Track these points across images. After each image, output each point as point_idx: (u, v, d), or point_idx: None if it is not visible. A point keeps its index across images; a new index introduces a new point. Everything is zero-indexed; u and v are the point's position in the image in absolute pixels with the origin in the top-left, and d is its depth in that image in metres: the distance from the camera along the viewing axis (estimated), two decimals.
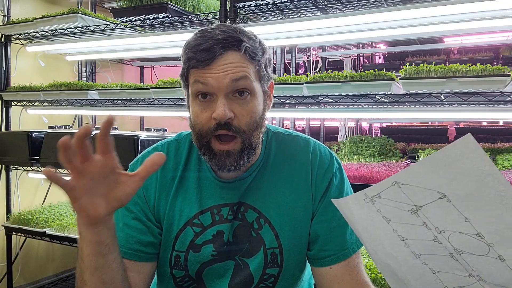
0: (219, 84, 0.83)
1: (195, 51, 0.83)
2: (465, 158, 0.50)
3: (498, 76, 1.54)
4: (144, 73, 4.01)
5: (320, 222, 0.95)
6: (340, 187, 0.97)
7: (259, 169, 0.97)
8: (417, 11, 1.70)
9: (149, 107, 2.71)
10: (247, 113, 0.85)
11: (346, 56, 4.10)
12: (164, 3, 2.19)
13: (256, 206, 0.95)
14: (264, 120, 0.92)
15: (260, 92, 0.89)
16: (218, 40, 0.83)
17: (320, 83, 1.87)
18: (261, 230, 0.95)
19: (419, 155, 2.35)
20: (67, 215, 2.55)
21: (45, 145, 2.53)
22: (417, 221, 0.59)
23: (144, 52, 2.76)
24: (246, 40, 0.85)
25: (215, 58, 0.82)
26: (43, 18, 2.56)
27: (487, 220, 0.53)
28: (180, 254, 0.95)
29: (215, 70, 0.83)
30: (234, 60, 0.83)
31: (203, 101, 0.85)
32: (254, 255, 0.95)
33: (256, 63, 0.87)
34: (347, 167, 1.94)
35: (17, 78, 2.98)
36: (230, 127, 0.84)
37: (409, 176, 0.56)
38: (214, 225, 0.94)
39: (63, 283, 3.17)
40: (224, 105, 0.82)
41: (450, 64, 1.89)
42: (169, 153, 0.99)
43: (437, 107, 2.16)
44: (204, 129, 0.86)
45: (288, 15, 2.25)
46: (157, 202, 0.96)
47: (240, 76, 0.83)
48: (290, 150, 0.99)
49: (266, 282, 0.96)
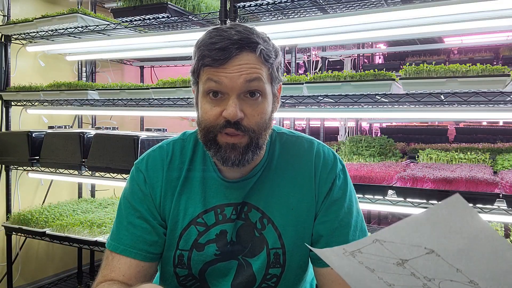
0: (232, 84, 0.83)
1: (210, 49, 0.84)
2: (454, 217, 0.49)
3: (498, 76, 1.54)
4: (144, 73, 4.01)
5: (323, 223, 0.95)
6: (343, 188, 0.98)
7: (263, 169, 0.97)
8: (417, 11, 1.70)
9: (149, 107, 2.71)
10: (258, 114, 0.87)
11: (346, 56, 4.10)
12: (164, 3, 2.18)
13: (259, 206, 0.96)
14: (272, 121, 0.93)
15: (270, 94, 0.90)
16: (234, 40, 0.83)
17: (320, 83, 1.87)
18: (264, 230, 0.95)
19: (419, 155, 2.35)
20: (67, 215, 2.55)
21: (45, 145, 2.53)
22: (404, 271, 0.57)
23: (144, 52, 2.76)
24: (261, 43, 0.86)
25: (230, 58, 0.83)
26: (43, 18, 2.56)
27: (480, 269, 0.52)
28: (183, 253, 0.96)
29: (229, 70, 0.83)
30: (249, 61, 0.84)
31: (214, 99, 0.86)
32: (257, 255, 0.95)
33: (269, 65, 0.88)
34: (347, 167, 1.93)
35: (17, 78, 2.98)
36: (239, 127, 0.85)
37: (392, 234, 0.54)
38: (218, 224, 0.95)
39: (63, 283, 3.17)
40: (236, 105, 0.84)
41: (450, 64, 1.89)
42: (175, 152, 1.00)
43: (437, 107, 2.16)
44: (212, 125, 0.87)
45: (288, 15, 2.25)
46: (162, 200, 0.97)
47: (254, 78, 0.84)
48: (294, 151, 1.00)
49: (268, 282, 0.96)
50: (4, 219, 2.78)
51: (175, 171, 0.98)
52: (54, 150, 2.49)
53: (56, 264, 3.29)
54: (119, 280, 0.91)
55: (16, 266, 2.90)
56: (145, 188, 0.97)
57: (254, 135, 0.87)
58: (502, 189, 1.58)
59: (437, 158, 2.27)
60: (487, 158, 2.20)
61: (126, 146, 2.19)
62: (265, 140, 0.91)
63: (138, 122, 3.90)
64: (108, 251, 0.96)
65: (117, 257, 0.94)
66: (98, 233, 2.28)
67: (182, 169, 0.98)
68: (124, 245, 0.94)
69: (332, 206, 0.95)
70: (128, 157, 2.15)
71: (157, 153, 1.01)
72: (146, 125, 3.81)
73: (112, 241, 0.96)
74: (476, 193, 1.58)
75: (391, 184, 1.74)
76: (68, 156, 2.42)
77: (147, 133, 2.39)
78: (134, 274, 0.92)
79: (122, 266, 0.92)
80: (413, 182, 1.71)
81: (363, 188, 1.76)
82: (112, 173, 2.37)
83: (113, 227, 0.99)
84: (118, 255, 0.94)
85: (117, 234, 0.96)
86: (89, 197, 3.39)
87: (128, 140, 2.18)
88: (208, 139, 0.88)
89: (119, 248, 0.94)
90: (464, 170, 1.80)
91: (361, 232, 0.97)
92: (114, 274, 0.92)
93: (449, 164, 2.11)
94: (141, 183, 0.98)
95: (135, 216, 0.96)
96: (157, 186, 0.97)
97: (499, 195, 1.56)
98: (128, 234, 0.94)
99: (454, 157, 2.24)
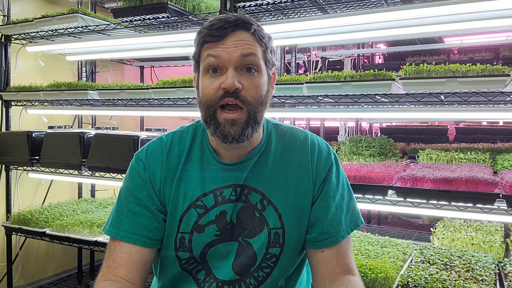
0: (230, 57, 0.90)
1: (209, 29, 0.93)
2: None
3: (498, 76, 1.55)
4: (144, 73, 4.01)
5: (321, 207, 1.01)
6: (337, 176, 1.04)
7: (261, 153, 1.02)
8: (417, 11, 1.70)
9: (149, 107, 2.71)
10: (254, 87, 0.93)
11: (346, 56, 4.11)
12: (164, 3, 2.18)
13: (259, 188, 1.00)
14: (268, 100, 0.99)
15: (265, 72, 0.96)
16: (231, 21, 0.92)
17: (320, 83, 1.87)
18: (265, 211, 1.00)
19: (419, 155, 2.35)
20: (67, 215, 2.55)
21: (45, 145, 2.53)
22: None
23: (144, 52, 2.76)
24: (255, 26, 0.94)
25: (227, 34, 0.91)
26: (43, 18, 2.56)
27: None
28: (184, 236, 0.99)
29: (226, 44, 0.91)
30: (244, 38, 0.92)
31: (213, 75, 0.92)
32: (257, 235, 0.99)
33: (264, 45, 0.95)
34: (347, 167, 1.94)
35: (17, 78, 2.98)
36: (237, 96, 0.91)
37: None
38: (217, 205, 0.99)
39: (63, 283, 3.17)
40: (233, 76, 0.90)
41: (450, 64, 1.89)
42: (173, 142, 1.05)
43: (437, 107, 2.16)
44: (211, 98, 0.92)
45: (288, 15, 2.25)
46: (162, 186, 1.00)
47: (250, 52, 0.92)
48: (290, 141, 1.06)
49: (268, 262, 1.00)
50: (4, 219, 2.78)
51: (174, 159, 1.02)
52: (54, 150, 2.49)
53: (56, 264, 3.29)
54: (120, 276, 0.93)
55: (16, 266, 2.90)
56: (144, 175, 1.01)
57: (251, 108, 0.92)
58: (502, 189, 1.58)
59: (437, 158, 2.27)
60: (487, 158, 2.20)
61: (126, 146, 2.19)
62: (262, 116, 0.96)
63: (138, 122, 3.90)
64: (111, 241, 0.99)
65: (119, 245, 0.96)
66: (98, 233, 2.28)
67: (181, 157, 1.02)
68: (124, 231, 0.97)
69: (328, 192, 1.02)
70: (128, 157, 2.15)
71: (156, 144, 1.05)
72: (146, 125, 3.81)
73: (111, 228, 0.99)
74: (476, 193, 1.58)
75: (391, 184, 1.74)
76: (68, 156, 2.42)
77: (147, 133, 2.39)
78: (135, 262, 0.95)
79: (123, 255, 0.95)
80: (413, 182, 1.71)
81: (363, 188, 1.76)
82: (112, 173, 2.37)
83: (111, 215, 1.01)
84: (120, 243, 0.96)
85: (117, 221, 0.99)
86: (89, 197, 3.39)
87: (128, 140, 2.18)
88: (209, 114, 0.93)
89: (120, 235, 0.97)
90: (464, 170, 1.80)
91: (353, 214, 1.04)
92: (116, 264, 0.95)
93: (449, 164, 2.11)
94: (141, 170, 1.01)
95: (135, 204, 0.99)
96: (157, 173, 1.01)
97: (499, 195, 1.56)
98: (128, 221, 0.97)
99: (454, 157, 2.24)
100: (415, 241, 2.25)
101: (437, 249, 1.92)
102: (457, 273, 1.63)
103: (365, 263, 1.68)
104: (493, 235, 2.10)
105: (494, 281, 1.60)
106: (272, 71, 1.00)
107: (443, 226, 2.30)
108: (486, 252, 1.93)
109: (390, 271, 1.63)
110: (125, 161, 2.17)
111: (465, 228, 2.25)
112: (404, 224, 4.28)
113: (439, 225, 2.31)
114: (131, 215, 0.98)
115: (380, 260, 1.75)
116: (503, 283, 1.63)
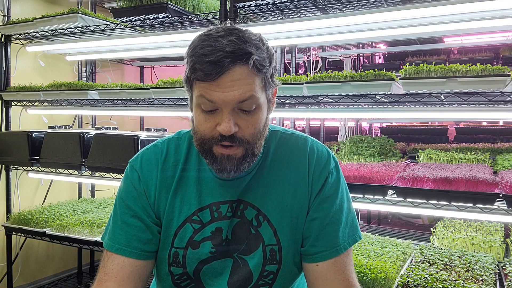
0: (225, 101, 0.82)
1: (201, 62, 0.81)
2: None
3: (498, 76, 1.54)
4: (144, 73, 4.00)
5: (314, 220, 0.96)
6: (335, 185, 0.98)
7: (258, 167, 0.98)
8: (417, 11, 1.70)
9: (149, 107, 2.71)
10: (252, 125, 0.87)
11: (346, 56, 4.10)
12: (164, 3, 2.18)
13: (255, 203, 0.96)
14: (267, 127, 0.94)
15: (265, 102, 0.90)
16: (227, 53, 0.80)
17: (320, 83, 1.87)
18: (260, 227, 0.96)
19: (419, 155, 2.35)
20: (67, 215, 2.55)
21: (45, 145, 2.53)
22: None
23: (144, 52, 2.76)
24: (254, 51, 0.83)
25: (223, 73, 0.80)
26: (43, 18, 2.56)
27: None
28: (178, 251, 0.96)
29: (222, 86, 0.81)
30: (241, 76, 0.82)
31: (208, 113, 0.86)
32: (253, 252, 0.96)
33: (263, 75, 0.86)
34: (347, 167, 1.94)
35: (17, 78, 2.98)
36: (234, 139, 0.86)
37: None
38: (213, 222, 0.96)
39: (63, 283, 3.17)
40: (229, 120, 0.83)
41: (450, 64, 1.89)
42: (169, 151, 1.01)
43: (437, 107, 2.16)
44: (207, 137, 0.87)
45: (288, 15, 2.25)
46: (157, 198, 0.97)
47: (247, 97, 0.83)
48: (288, 148, 1.01)
49: (265, 279, 0.96)
50: (4, 219, 2.78)
51: (170, 170, 0.98)
52: (54, 150, 2.49)
53: (56, 264, 3.29)
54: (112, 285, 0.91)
55: (16, 266, 2.90)
56: (139, 186, 0.97)
57: (249, 146, 0.88)
58: (502, 189, 1.58)
59: (437, 158, 2.27)
60: (487, 158, 2.20)
61: (126, 146, 2.19)
62: (260, 147, 0.92)
63: (138, 122, 3.90)
64: (105, 251, 0.97)
65: (112, 257, 0.94)
66: (98, 233, 2.28)
67: (176, 167, 0.98)
68: (118, 243, 0.94)
69: (323, 203, 0.96)
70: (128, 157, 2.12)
71: (152, 152, 1.02)
72: (146, 125, 3.81)
73: (108, 240, 0.97)
74: (476, 193, 1.58)
75: (391, 184, 1.74)
76: (68, 156, 2.42)
77: (147, 133, 2.39)
78: (127, 274, 0.92)
79: (115, 267, 0.93)
80: (413, 182, 1.71)
81: (363, 188, 1.76)
82: (112, 173, 2.37)
83: (108, 225, 1.00)
84: (113, 255, 0.94)
85: (113, 233, 0.97)
86: (89, 197, 3.39)
87: (128, 140, 2.18)
88: (204, 150, 0.89)
89: (114, 247, 0.94)
90: (464, 170, 1.80)
91: (351, 228, 0.98)
92: (107, 276, 0.92)
93: (449, 164, 2.11)
94: (135, 181, 0.98)
95: (129, 215, 0.96)
96: (152, 184, 0.97)
97: (499, 195, 1.56)
98: (123, 233, 0.95)
99: (454, 157, 2.24)
100: (415, 241, 2.25)
101: (437, 249, 1.92)
102: (457, 273, 1.63)
103: (365, 263, 1.68)
104: (493, 235, 2.10)
105: (494, 281, 1.60)
106: (272, 92, 0.93)
107: (443, 226, 2.30)
108: (486, 252, 1.93)
109: (390, 271, 1.63)
110: (125, 161, 2.15)
111: (465, 228, 2.25)
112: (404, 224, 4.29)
113: (439, 225, 2.32)
114: (125, 226, 0.95)
115: (380, 260, 1.75)
116: (503, 283, 1.63)
